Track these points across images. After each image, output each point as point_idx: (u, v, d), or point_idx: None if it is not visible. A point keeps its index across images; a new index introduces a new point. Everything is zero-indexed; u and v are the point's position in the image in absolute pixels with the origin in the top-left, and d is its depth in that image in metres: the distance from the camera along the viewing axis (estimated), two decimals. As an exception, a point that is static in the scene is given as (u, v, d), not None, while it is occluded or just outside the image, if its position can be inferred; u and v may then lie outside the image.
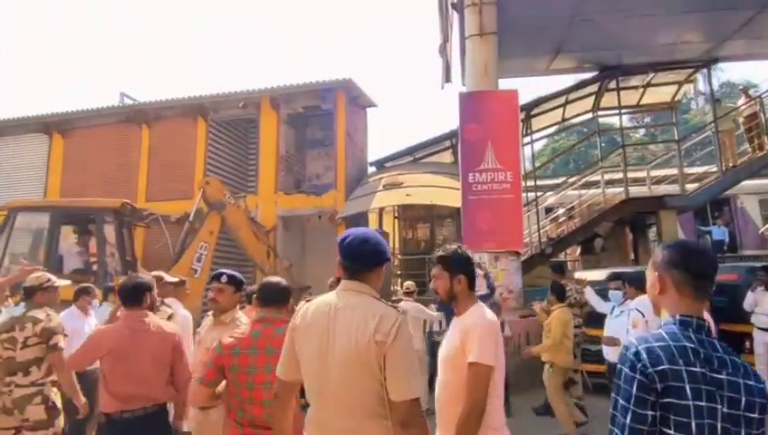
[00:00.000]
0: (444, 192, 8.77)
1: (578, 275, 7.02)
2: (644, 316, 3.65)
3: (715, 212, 12.88)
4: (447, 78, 9.02)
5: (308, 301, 1.86)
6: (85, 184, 11.39)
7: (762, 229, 12.20)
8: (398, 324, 1.63)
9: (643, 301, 3.75)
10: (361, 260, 1.72)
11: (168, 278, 4.28)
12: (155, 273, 4.11)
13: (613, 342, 4.73)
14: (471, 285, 1.98)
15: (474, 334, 1.84)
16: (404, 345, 1.63)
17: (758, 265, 6.53)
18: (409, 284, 6.36)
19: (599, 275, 7.32)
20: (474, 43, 7.43)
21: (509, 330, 5.29)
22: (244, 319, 2.96)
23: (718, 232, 12.14)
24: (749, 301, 5.81)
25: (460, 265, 1.99)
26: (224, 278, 2.75)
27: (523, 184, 8.16)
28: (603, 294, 6.38)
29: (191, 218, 8.78)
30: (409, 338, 1.68)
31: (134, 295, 2.69)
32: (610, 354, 4.28)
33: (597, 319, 5.75)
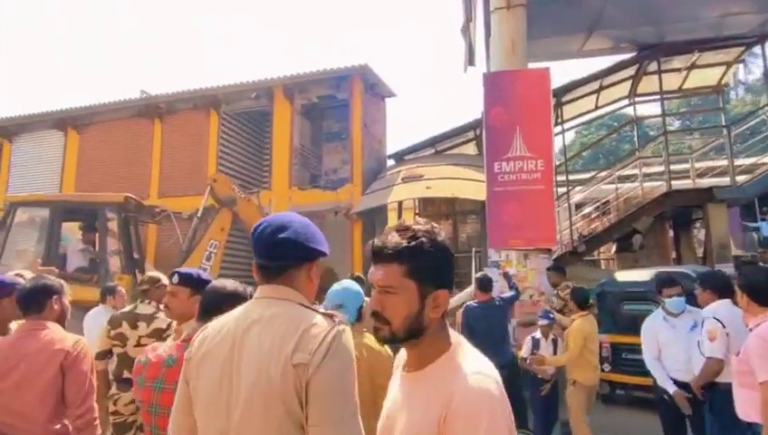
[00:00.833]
0: (467, 184, 8.10)
1: (619, 275, 6.27)
2: (724, 326, 2.92)
3: (763, 207, 11.79)
4: (471, 61, 8.32)
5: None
6: (99, 180, 11.16)
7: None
8: (331, 339, 1.12)
9: (721, 308, 3.02)
10: (279, 254, 1.23)
11: (165, 280, 3.81)
12: (151, 274, 3.64)
13: (541, 361, 4.17)
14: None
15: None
16: (337, 370, 1.10)
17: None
18: None
19: (640, 275, 6.53)
20: (500, 17, 6.73)
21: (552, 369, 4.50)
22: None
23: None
24: None
25: (437, 270, 1.06)
26: (175, 278, 2.18)
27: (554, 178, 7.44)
28: (645, 298, 5.62)
29: (199, 215, 8.39)
30: (349, 360, 1.15)
31: (32, 301, 2.12)
32: (680, 372, 3.48)
33: (633, 324, 5.00)
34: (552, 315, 4.50)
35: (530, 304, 6.40)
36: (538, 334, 4.43)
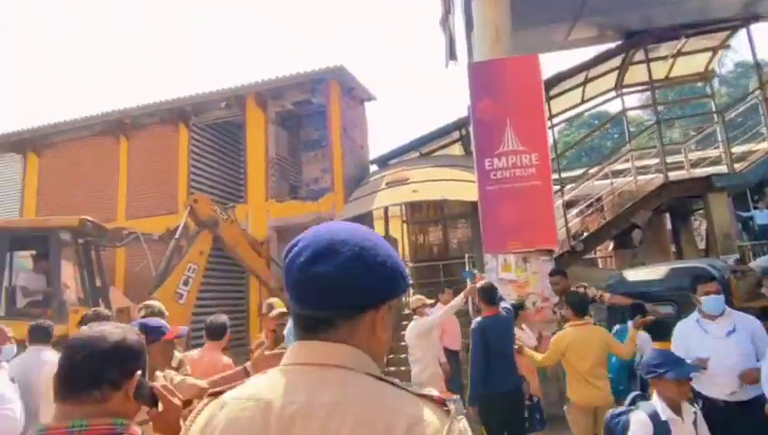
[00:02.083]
0: (456, 186, 7.55)
1: (629, 273, 5.71)
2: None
3: (754, 195, 11.48)
4: (452, 55, 7.81)
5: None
6: (62, 204, 10.37)
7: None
8: None
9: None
10: (323, 299, 0.76)
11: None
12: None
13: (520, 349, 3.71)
14: None
15: None
16: None
17: None
18: (419, 298, 5.07)
19: (653, 272, 5.98)
20: (482, 5, 6.25)
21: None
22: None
23: (762, 216, 10.70)
24: None
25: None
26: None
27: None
28: (661, 298, 5.07)
29: (177, 236, 7.73)
30: None
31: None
32: (706, 384, 2.95)
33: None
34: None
35: (533, 312, 5.82)
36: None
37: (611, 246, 11.38)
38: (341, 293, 0.75)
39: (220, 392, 0.79)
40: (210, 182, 10.43)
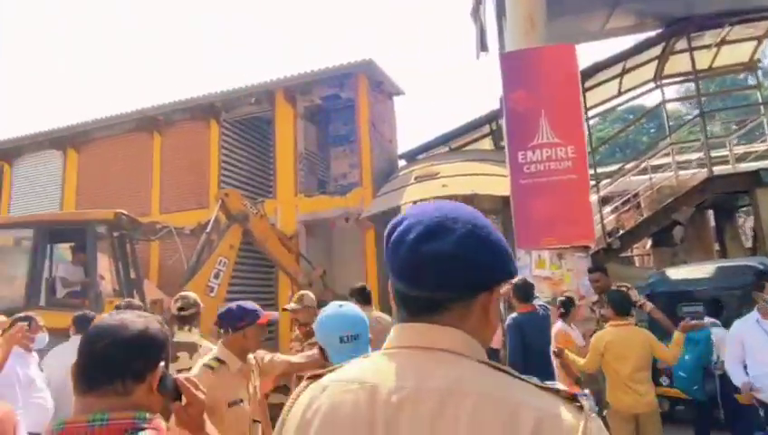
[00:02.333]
0: (487, 180, 7.37)
1: (671, 271, 5.43)
2: None
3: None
4: (483, 46, 7.62)
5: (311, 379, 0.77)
6: (99, 199, 10.68)
7: None
8: None
9: None
10: (437, 279, 0.69)
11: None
12: (188, 294, 3.14)
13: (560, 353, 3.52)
14: None
15: None
16: None
17: None
18: None
19: (698, 271, 5.68)
20: (515, -9, 6.04)
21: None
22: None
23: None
24: None
25: None
26: None
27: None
28: (706, 298, 4.80)
29: (208, 230, 7.80)
30: None
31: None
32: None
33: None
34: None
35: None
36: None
37: (649, 243, 10.95)
38: (460, 271, 0.69)
39: (319, 375, 0.77)
40: (240, 177, 10.54)
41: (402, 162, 10.98)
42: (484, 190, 7.05)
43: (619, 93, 11.30)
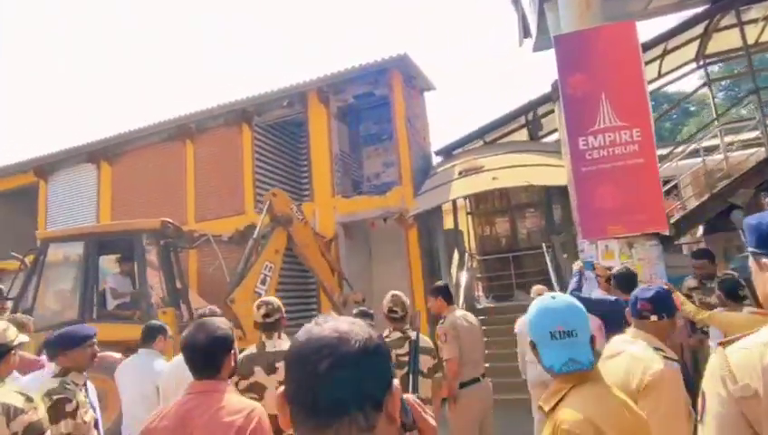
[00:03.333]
0: (538, 170, 7.07)
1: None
2: None
3: None
4: (526, 32, 7.34)
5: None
6: (134, 211, 10.68)
7: None
8: None
9: None
10: None
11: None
12: (270, 299, 2.93)
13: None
14: None
15: None
16: None
17: None
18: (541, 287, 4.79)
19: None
20: (568, -29, 5.76)
21: None
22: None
23: None
24: None
25: None
26: None
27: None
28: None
29: (255, 235, 7.61)
30: None
31: (207, 356, 1.71)
32: None
33: None
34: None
35: (641, 303, 5.30)
36: None
37: (700, 230, 10.50)
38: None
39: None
40: (274, 182, 10.42)
41: (436, 159, 10.75)
42: (539, 181, 6.76)
43: (659, 76, 10.88)
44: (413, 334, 3.23)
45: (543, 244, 8.83)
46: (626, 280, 3.39)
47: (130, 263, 6.99)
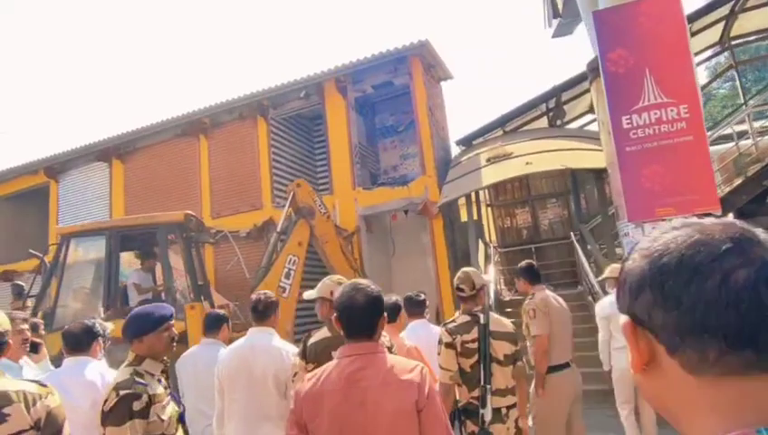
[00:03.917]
0: (572, 154, 6.83)
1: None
2: None
3: None
4: (555, 12, 7.10)
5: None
6: (148, 209, 10.44)
7: None
8: None
9: None
10: None
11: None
12: (334, 277, 2.71)
13: None
14: None
15: None
16: None
17: None
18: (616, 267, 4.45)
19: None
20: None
21: None
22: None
23: None
24: None
25: None
26: None
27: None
28: None
29: (279, 228, 7.39)
30: None
31: (365, 317, 1.68)
32: None
33: None
34: None
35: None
36: None
37: (730, 216, 10.25)
38: None
39: None
40: (291, 176, 10.18)
41: (456, 150, 10.53)
42: (576, 164, 6.52)
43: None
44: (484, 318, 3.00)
45: (571, 233, 8.60)
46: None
47: (152, 258, 6.78)
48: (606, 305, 4.43)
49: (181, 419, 2.11)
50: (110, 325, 3.13)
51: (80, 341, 2.63)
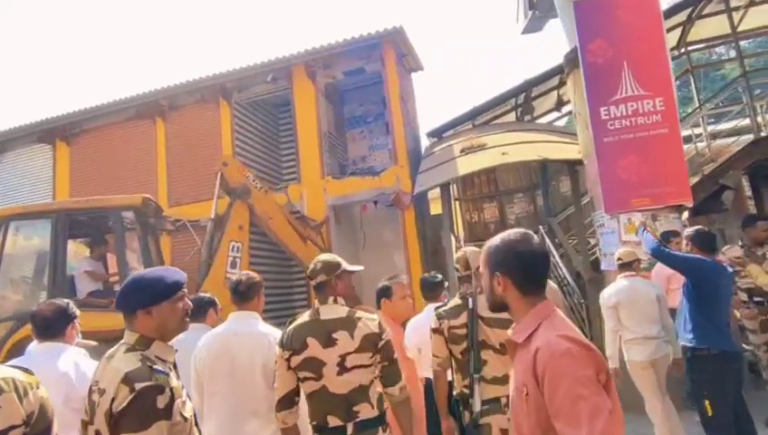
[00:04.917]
0: (547, 147, 6.85)
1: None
2: None
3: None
4: (530, 3, 7.09)
5: None
6: (97, 195, 9.71)
7: None
8: None
9: None
10: None
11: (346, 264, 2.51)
12: (325, 257, 2.49)
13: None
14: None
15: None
16: None
17: None
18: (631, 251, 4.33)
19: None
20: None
21: None
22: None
23: None
24: None
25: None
26: None
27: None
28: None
29: (213, 215, 6.98)
30: None
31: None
32: None
33: None
34: None
35: (664, 279, 5.15)
36: None
37: (686, 213, 10.70)
38: None
39: None
40: (256, 164, 9.75)
41: (426, 142, 10.42)
42: (552, 156, 6.53)
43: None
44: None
45: (540, 227, 8.68)
46: (707, 238, 3.14)
47: (102, 245, 6.24)
48: (612, 293, 3.95)
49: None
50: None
51: (51, 324, 2.24)
